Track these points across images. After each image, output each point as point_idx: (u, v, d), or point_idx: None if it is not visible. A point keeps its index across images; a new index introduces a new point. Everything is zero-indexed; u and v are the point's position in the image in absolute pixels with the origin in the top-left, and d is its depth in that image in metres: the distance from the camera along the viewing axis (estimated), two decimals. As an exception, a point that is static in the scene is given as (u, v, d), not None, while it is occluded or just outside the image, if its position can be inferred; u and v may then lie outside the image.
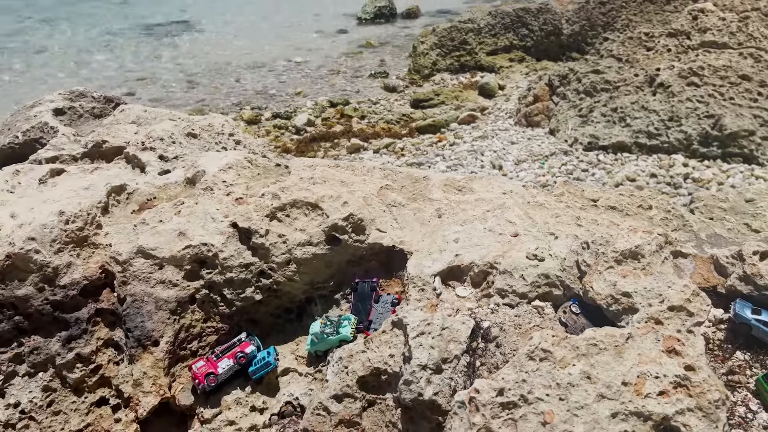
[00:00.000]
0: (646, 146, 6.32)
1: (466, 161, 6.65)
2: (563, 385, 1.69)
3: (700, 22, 7.08)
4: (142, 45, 14.03)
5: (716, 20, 7.00)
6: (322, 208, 2.63)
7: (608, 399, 1.66)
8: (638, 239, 2.11)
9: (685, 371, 1.70)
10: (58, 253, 2.51)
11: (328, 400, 2.24)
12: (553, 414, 1.64)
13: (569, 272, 2.22)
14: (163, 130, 3.52)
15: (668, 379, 1.68)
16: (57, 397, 2.47)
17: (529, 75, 9.76)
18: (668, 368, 1.70)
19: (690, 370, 1.70)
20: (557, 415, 1.64)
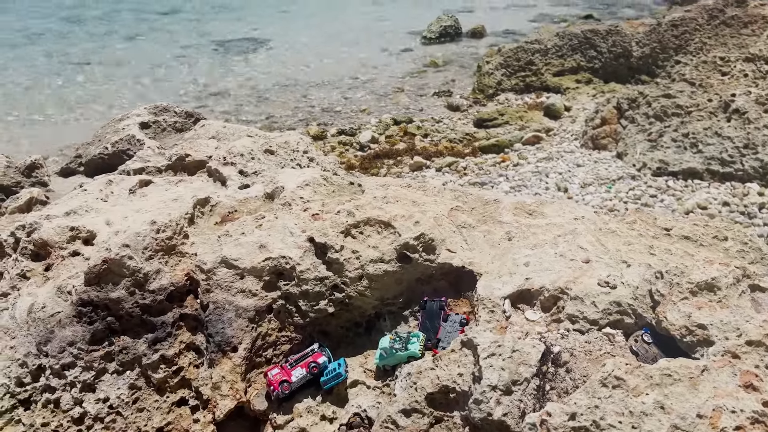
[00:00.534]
0: (719, 173, 6.15)
1: (530, 182, 6.63)
2: (636, 413, 1.70)
3: (780, 46, 6.87)
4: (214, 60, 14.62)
5: (797, 45, 6.77)
6: (394, 227, 2.72)
7: (682, 430, 1.66)
8: (715, 271, 2.10)
9: (763, 407, 1.68)
10: (149, 260, 2.69)
11: (397, 414, 2.31)
12: (626, 442, 1.66)
13: (642, 301, 2.22)
14: (243, 146, 3.71)
15: (745, 414, 1.67)
16: (142, 395, 2.64)
17: (596, 97, 9.64)
18: (745, 403, 1.69)
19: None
20: (630, 443, 1.65)
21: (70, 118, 11.15)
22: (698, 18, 9.59)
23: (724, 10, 9.58)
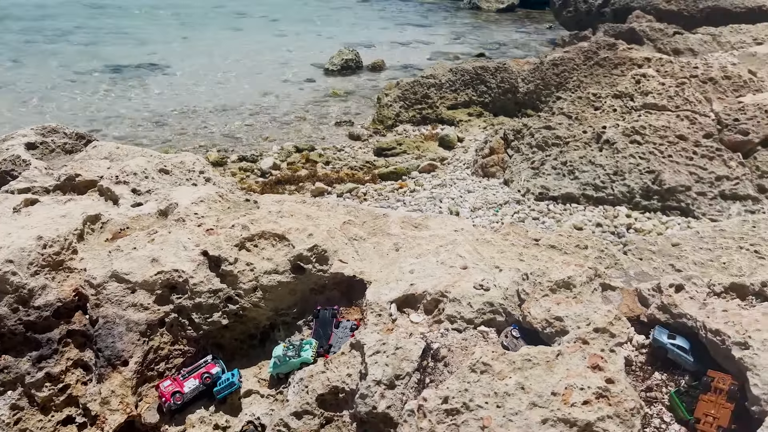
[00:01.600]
0: (593, 198, 6.73)
1: (425, 207, 6.94)
2: (500, 394, 1.91)
3: (642, 85, 7.67)
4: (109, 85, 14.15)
5: (656, 84, 7.59)
6: (288, 239, 2.84)
7: (539, 407, 1.88)
8: (570, 271, 2.38)
9: (606, 384, 1.94)
10: (34, 276, 2.64)
11: (289, 417, 2.40)
12: (491, 419, 1.85)
13: (511, 300, 2.47)
14: (137, 165, 3.70)
15: (591, 391, 1.91)
16: (24, 415, 2.56)
17: (486, 129, 10.24)
18: (592, 381, 1.94)
19: (610, 383, 1.95)
20: (494, 420, 1.85)
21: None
22: (575, 58, 10.50)
23: (598, 52, 10.56)
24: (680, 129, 6.92)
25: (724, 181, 6.54)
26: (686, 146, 6.79)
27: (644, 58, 9.87)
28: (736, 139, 6.72)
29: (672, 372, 2.27)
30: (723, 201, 6.45)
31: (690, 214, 6.41)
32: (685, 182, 6.52)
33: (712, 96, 7.48)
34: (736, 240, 3.34)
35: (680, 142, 6.83)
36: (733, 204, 6.43)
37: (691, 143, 6.81)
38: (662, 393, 2.19)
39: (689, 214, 6.41)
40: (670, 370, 2.28)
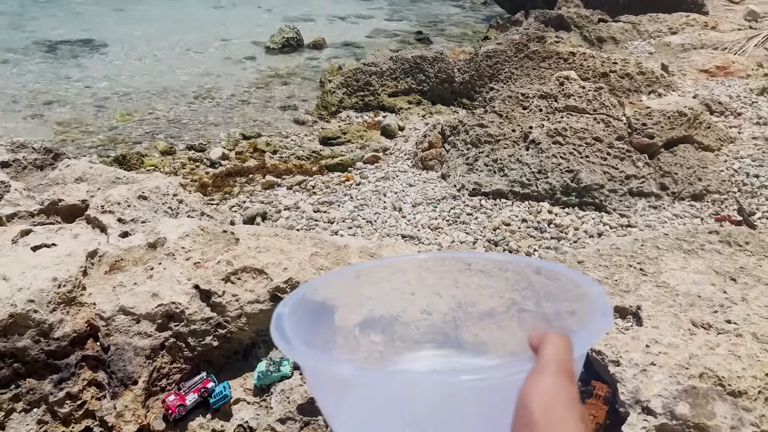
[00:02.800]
0: (520, 194, 7.52)
1: (371, 202, 7.56)
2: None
3: (565, 88, 8.46)
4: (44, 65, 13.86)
5: (577, 87, 8.40)
6: (267, 273, 3.41)
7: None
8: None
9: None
10: (52, 312, 3.12)
11: (275, 423, 3.02)
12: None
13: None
14: (119, 195, 4.14)
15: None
16: (49, 428, 3.07)
17: (425, 117, 10.87)
18: (507, 394, 2.66)
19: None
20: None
21: None
22: (507, 50, 11.21)
23: (528, 44, 11.32)
24: (597, 131, 7.76)
25: (632, 179, 7.44)
26: (601, 147, 7.65)
27: (569, 53, 10.67)
28: (643, 142, 7.62)
29: (568, 378, 3.03)
30: (631, 198, 7.37)
31: (603, 209, 7.29)
32: (600, 180, 7.39)
33: (624, 99, 8.35)
34: (627, 258, 4.14)
35: (596, 144, 7.67)
36: (639, 200, 7.36)
37: (605, 145, 7.67)
38: (560, 396, 2.95)
39: (602, 209, 7.29)
40: (566, 377, 3.03)
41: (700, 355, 2.77)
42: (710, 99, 9.23)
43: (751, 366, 2.72)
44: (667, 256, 4.02)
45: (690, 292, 3.59)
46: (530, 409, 0.75)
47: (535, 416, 0.73)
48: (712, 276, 3.79)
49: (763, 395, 2.64)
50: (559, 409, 0.74)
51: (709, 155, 7.57)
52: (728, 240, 4.13)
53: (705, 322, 3.15)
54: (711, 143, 7.73)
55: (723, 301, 3.47)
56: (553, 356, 0.80)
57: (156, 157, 9.58)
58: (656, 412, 2.57)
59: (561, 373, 0.78)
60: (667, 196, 7.29)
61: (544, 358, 0.80)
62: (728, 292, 3.59)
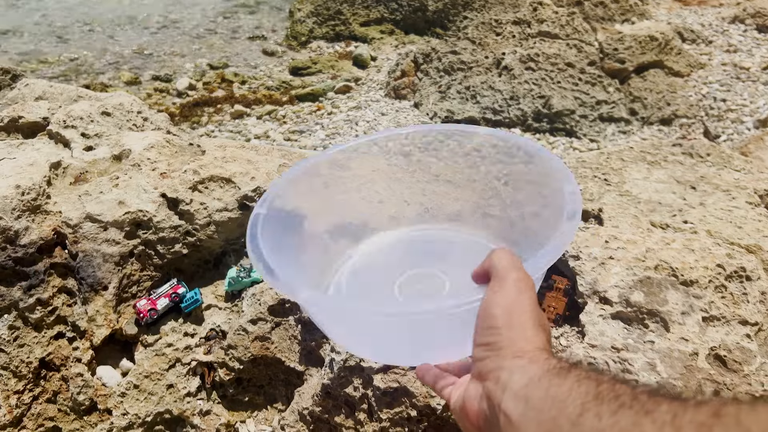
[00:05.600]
0: (492, 121, 7.54)
1: (342, 130, 7.51)
2: (407, 300, 2.68)
3: (539, 13, 8.36)
4: (-1, -8, 13.19)
5: (551, 13, 8.31)
6: (234, 182, 3.40)
7: (434, 307, 2.67)
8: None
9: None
10: (17, 219, 3.08)
11: (246, 323, 3.08)
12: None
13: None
14: (82, 110, 4.04)
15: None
16: (21, 333, 3.09)
17: (398, 47, 10.69)
18: (471, 287, 2.75)
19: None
20: (403, 318, 2.62)
21: None
22: (481, -21, 10.93)
23: (502, -28, 11.05)
24: (569, 57, 7.74)
25: (603, 105, 7.49)
26: (573, 73, 7.64)
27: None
28: (614, 67, 7.63)
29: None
30: (601, 123, 7.44)
31: (574, 135, 7.36)
32: (571, 106, 7.42)
33: (597, 25, 8.30)
34: (593, 170, 4.21)
35: (568, 69, 7.66)
36: (609, 125, 7.44)
37: (577, 70, 7.67)
38: (522, 292, 3.05)
39: (573, 134, 7.36)
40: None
41: (656, 249, 2.87)
42: (683, 27, 9.22)
43: (703, 258, 2.84)
44: (631, 167, 4.10)
45: (651, 199, 3.69)
46: (493, 314, 0.81)
47: (498, 321, 0.80)
48: (673, 185, 3.89)
49: (713, 284, 2.77)
50: (518, 313, 0.80)
51: (678, 80, 7.63)
52: (690, 152, 4.23)
53: (663, 223, 3.26)
54: (681, 69, 7.78)
55: (682, 206, 3.58)
56: (509, 267, 0.87)
57: (120, 87, 9.32)
58: (612, 301, 2.68)
59: (519, 280, 0.85)
60: (636, 121, 7.37)
61: (500, 271, 0.86)
62: (687, 199, 3.70)
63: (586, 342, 2.58)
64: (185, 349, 3.17)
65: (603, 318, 2.66)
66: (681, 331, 2.55)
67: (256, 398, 3.15)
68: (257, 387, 3.16)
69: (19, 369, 3.02)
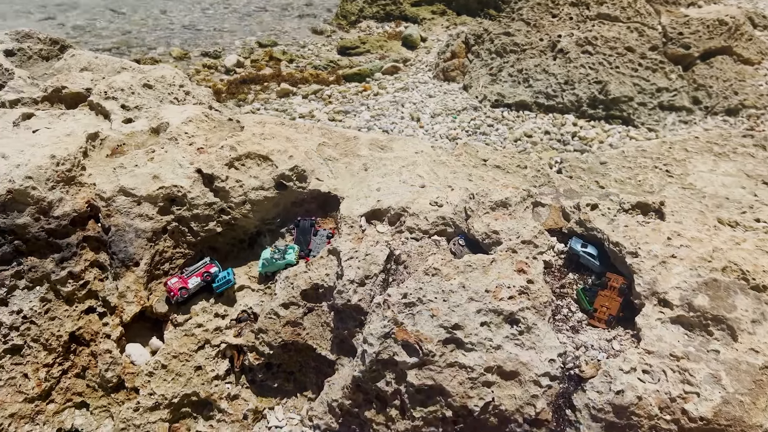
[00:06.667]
0: (544, 106, 7.21)
1: (388, 112, 7.31)
2: (446, 291, 2.49)
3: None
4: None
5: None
6: (272, 160, 3.27)
7: (476, 301, 2.47)
8: (508, 192, 2.92)
9: (527, 284, 2.54)
10: (51, 190, 3.03)
11: (278, 307, 2.96)
12: (439, 310, 2.44)
13: (459, 215, 3.01)
14: (123, 81, 3.97)
15: (516, 288, 2.51)
16: (52, 306, 3.05)
17: (449, 29, 10.40)
18: (516, 281, 2.53)
19: (530, 283, 2.55)
20: (441, 311, 2.44)
21: None
22: (539, -42, 10.48)
23: (561, -48, 10.57)
24: (629, 41, 7.32)
25: (663, 92, 7.07)
26: (633, 58, 7.23)
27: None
28: (678, 53, 7.19)
29: (582, 273, 2.89)
30: (661, 111, 7.02)
31: (630, 123, 6.98)
32: (629, 93, 7.03)
33: (660, 8, 7.83)
34: (653, 160, 3.92)
35: (628, 54, 7.26)
36: (669, 114, 7.02)
37: (637, 55, 7.25)
38: (572, 289, 2.83)
39: (630, 123, 6.98)
40: (581, 272, 2.90)
41: (725, 249, 2.60)
42: (754, 12, 8.62)
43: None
44: (696, 158, 3.80)
45: (718, 194, 3.40)
46: None
47: None
48: (743, 179, 3.58)
49: (789, 291, 2.49)
50: None
51: (748, 68, 7.13)
52: (763, 144, 3.88)
53: (732, 220, 2.97)
54: (751, 56, 7.27)
55: (753, 202, 3.27)
56: None
57: (170, 62, 9.35)
58: (673, 304, 2.44)
59: None
60: (700, 111, 6.93)
61: None
62: (759, 195, 3.39)
63: (642, 347, 2.36)
64: (215, 331, 3.08)
65: (662, 322, 2.43)
66: (750, 342, 2.29)
67: (286, 385, 3.04)
68: (287, 373, 3.05)
69: (50, 342, 2.99)
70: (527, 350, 2.39)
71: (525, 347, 2.40)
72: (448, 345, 2.40)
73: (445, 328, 2.41)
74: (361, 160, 3.43)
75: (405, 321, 2.44)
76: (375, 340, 2.44)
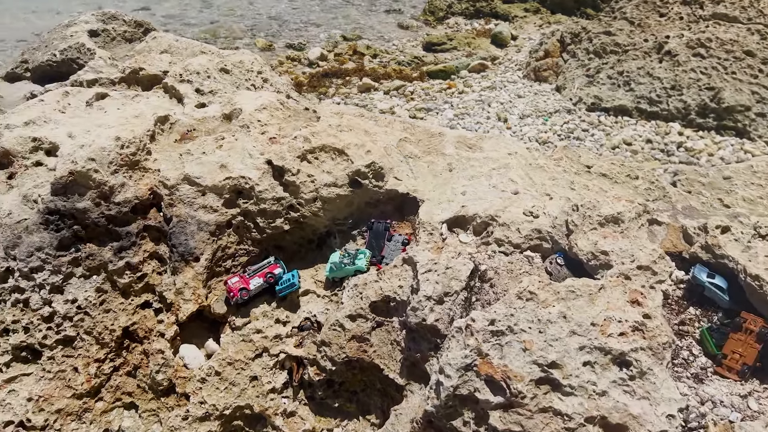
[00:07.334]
0: (646, 112, 6.58)
1: (473, 111, 6.90)
2: (543, 321, 2.08)
3: (715, -8, 7.19)
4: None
5: (731, -8, 7.11)
6: (347, 155, 2.96)
7: (578, 335, 2.06)
8: (621, 206, 2.47)
9: (642, 318, 2.10)
10: (113, 174, 2.85)
11: (344, 319, 2.64)
12: (533, 343, 2.04)
13: (559, 229, 2.59)
14: (199, 65, 3.78)
15: (628, 324, 2.07)
16: (108, 297, 2.87)
17: (542, 27, 9.85)
18: (630, 315, 2.09)
19: (647, 318, 2.10)
20: (536, 344, 2.04)
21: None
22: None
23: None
24: (749, 44, 6.58)
25: (787, 102, 6.29)
26: (752, 63, 6.49)
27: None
28: (808, 59, 6.38)
29: (706, 308, 2.41)
30: (782, 124, 6.25)
31: (746, 135, 6.25)
32: (746, 102, 6.30)
33: (790, 8, 7.00)
34: (787, 178, 3.33)
35: (747, 59, 6.52)
36: (792, 128, 6.24)
37: (758, 60, 6.50)
38: (694, 327, 2.35)
39: (745, 135, 6.25)
40: (704, 307, 2.41)
41: None
42: None
43: None
44: None
45: None
46: None
47: None
48: None
49: None
50: None
51: None
52: None
53: None
54: None
55: None
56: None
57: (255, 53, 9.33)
58: (834, 360, 1.93)
59: None
60: (831, 125, 6.11)
61: None
62: None
63: (793, 413, 1.87)
64: (275, 338, 2.80)
65: (818, 382, 1.92)
66: None
67: (348, 406, 2.72)
68: (350, 393, 2.73)
69: (102, 336, 2.80)
70: (639, 400, 1.95)
71: (637, 396, 1.96)
72: (541, 386, 2.00)
73: (539, 366, 2.01)
74: (446, 160, 3.06)
75: (491, 352, 2.05)
76: (453, 371, 2.07)
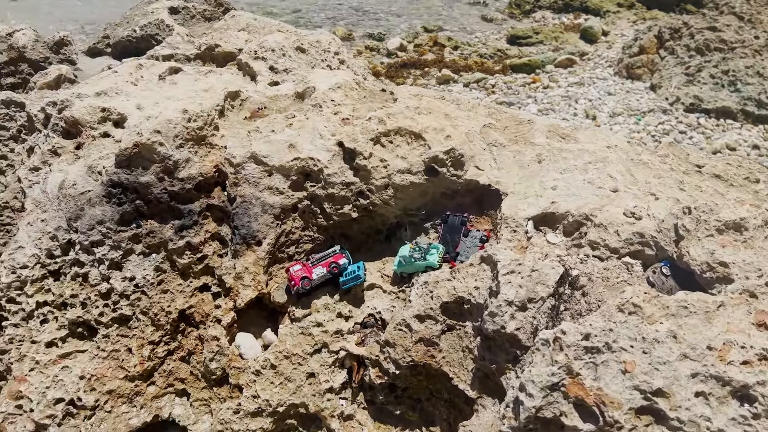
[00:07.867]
0: (754, 115, 5.99)
1: (558, 107, 6.50)
2: (648, 339, 1.76)
3: (842, -15, 6.48)
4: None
5: None
6: (425, 139, 2.71)
7: (691, 359, 1.73)
8: (744, 212, 2.10)
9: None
10: (179, 148, 2.72)
11: (411, 319, 2.40)
12: (635, 365, 1.73)
13: (665, 234, 2.24)
14: (275, 42, 3.62)
15: (754, 351, 1.72)
16: (166, 277, 2.74)
17: (636, 23, 9.26)
18: (756, 340, 1.74)
19: (777, 346, 1.74)
20: (638, 366, 1.72)
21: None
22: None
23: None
24: None
25: None
26: None
27: None
28: None
29: None
30: None
31: None
32: None
33: None
34: None
35: None
36: None
37: None
38: (831, 361, 1.95)
39: None
40: (843, 337, 2.01)
41: None
42: None
43: None
44: None
45: None
46: None
47: None
48: None
49: None
50: None
51: None
52: None
53: None
54: None
55: None
56: None
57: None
58: None
59: None
60: None
61: None
62: None
63: None
64: (335, 334, 2.59)
65: None
66: None
67: (410, 414, 2.47)
68: (413, 400, 2.48)
69: (158, 318, 2.67)
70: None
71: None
72: (642, 416, 1.68)
73: (641, 392, 1.69)
74: (535, 150, 2.75)
75: (583, 372, 1.75)
76: (537, 389, 1.78)
